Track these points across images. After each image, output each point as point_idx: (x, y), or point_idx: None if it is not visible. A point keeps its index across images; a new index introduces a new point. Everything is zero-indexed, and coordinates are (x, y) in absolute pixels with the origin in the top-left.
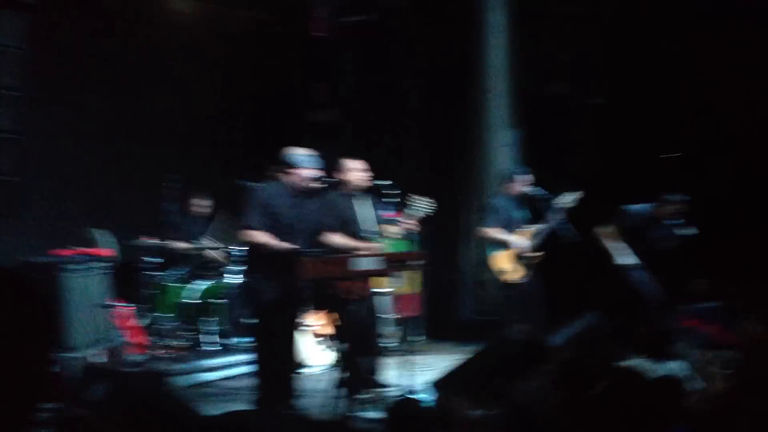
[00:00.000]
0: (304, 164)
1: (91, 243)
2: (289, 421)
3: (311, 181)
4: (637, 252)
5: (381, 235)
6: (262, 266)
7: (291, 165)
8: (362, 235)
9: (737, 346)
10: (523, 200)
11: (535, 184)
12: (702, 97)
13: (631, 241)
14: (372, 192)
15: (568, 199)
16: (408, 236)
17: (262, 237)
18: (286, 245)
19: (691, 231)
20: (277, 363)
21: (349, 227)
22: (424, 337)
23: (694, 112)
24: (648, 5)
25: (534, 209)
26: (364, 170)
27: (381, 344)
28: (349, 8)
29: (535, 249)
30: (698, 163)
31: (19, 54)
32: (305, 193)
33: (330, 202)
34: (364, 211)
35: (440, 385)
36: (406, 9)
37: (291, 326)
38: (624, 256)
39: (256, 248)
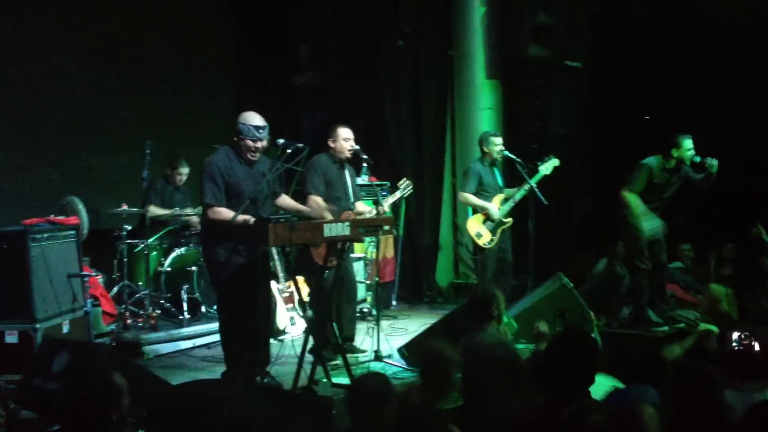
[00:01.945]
0: (251, 134)
1: (68, 211)
2: (255, 389)
3: (256, 151)
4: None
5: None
6: (223, 239)
7: (240, 133)
8: (350, 206)
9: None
10: (498, 164)
11: (513, 148)
12: (687, 59)
13: (653, 193)
14: (355, 159)
15: (545, 166)
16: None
17: (223, 213)
18: (245, 217)
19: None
20: (244, 332)
21: (334, 192)
22: (395, 302)
23: (679, 74)
24: None
25: (511, 173)
26: (351, 138)
27: (354, 310)
28: None
29: (506, 214)
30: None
31: None
32: (252, 162)
33: (320, 164)
34: (348, 178)
35: (406, 349)
36: None
37: (255, 295)
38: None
39: (215, 222)
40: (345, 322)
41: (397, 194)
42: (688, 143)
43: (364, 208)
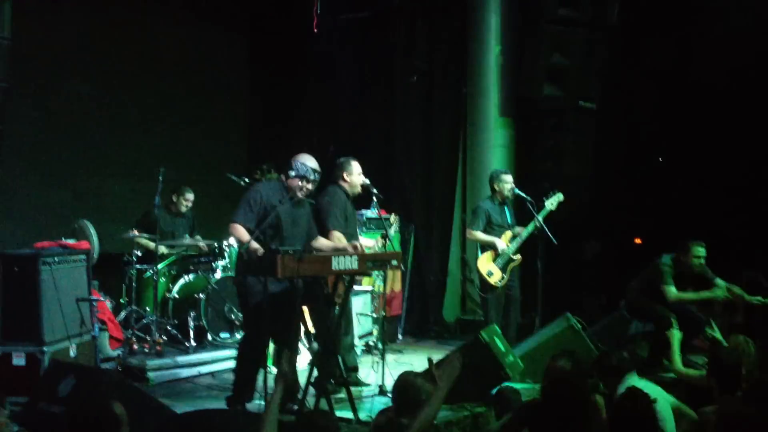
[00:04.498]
0: (309, 175)
1: (78, 234)
2: (257, 421)
3: (307, 192)
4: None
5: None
6: (252, 266)
7: (298, 173)
8: (358, 239)
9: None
10: (508, 202)
11: (522, 186)
12: (698, 104)
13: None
14: (365, 193)
15: (550, 201)
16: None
17: (241, 232)
18: (256, 247)
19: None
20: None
21: (349, 227)
22: (401, 336)
23: (690, 120)
24: (645, 11)
25: (519, 211)
26: (361, 172)
27: (352, 339)
28: (345, 6)
29: (514, 252)
30: (690, 174)
31: (3, 43)
32: (297, 199)
33: (341, 200)
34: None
35: None
36: (401, 8)
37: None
38: None
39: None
40: (345, 351)
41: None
42: (699, 251)
43: (366, 241)
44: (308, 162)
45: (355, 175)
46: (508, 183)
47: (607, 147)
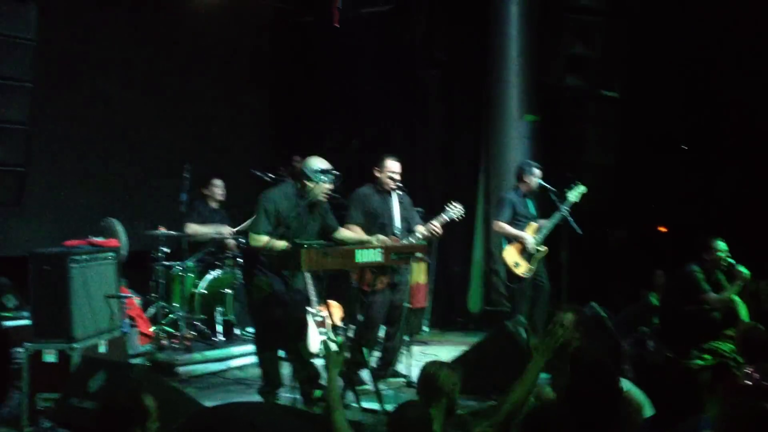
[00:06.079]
0: (321, 180)
1: (107, 232)
2: (285, 413)
3: (324, 195)
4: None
5: (410, 233)
6: (261, 265)
7: (308, 178)
8: (394, 232)
9: None
10: (534, 194)
11: (547, 177)
12: (721, 93)
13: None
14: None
15: (575, 194)
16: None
17: (263, 240)
18: (278, 243)
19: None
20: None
21: (377, 221)
22: (428, 328)
23: (713, 108)
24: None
25: (544, 203)
26: (397, 171)
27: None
28: None
29: (540, 243)
30: (713, 163)
31: (29, 44)
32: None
33: (359, 196)
34: (394, 208)
35: None
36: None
37: (290, 320)
38: None
39: (256, 250)
40: (393, 348)
41: (444, 216)
42: (720, 245)
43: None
44: (320, 164)
45: (386, 173)
46: (537, 177)
47: (630, 135)
